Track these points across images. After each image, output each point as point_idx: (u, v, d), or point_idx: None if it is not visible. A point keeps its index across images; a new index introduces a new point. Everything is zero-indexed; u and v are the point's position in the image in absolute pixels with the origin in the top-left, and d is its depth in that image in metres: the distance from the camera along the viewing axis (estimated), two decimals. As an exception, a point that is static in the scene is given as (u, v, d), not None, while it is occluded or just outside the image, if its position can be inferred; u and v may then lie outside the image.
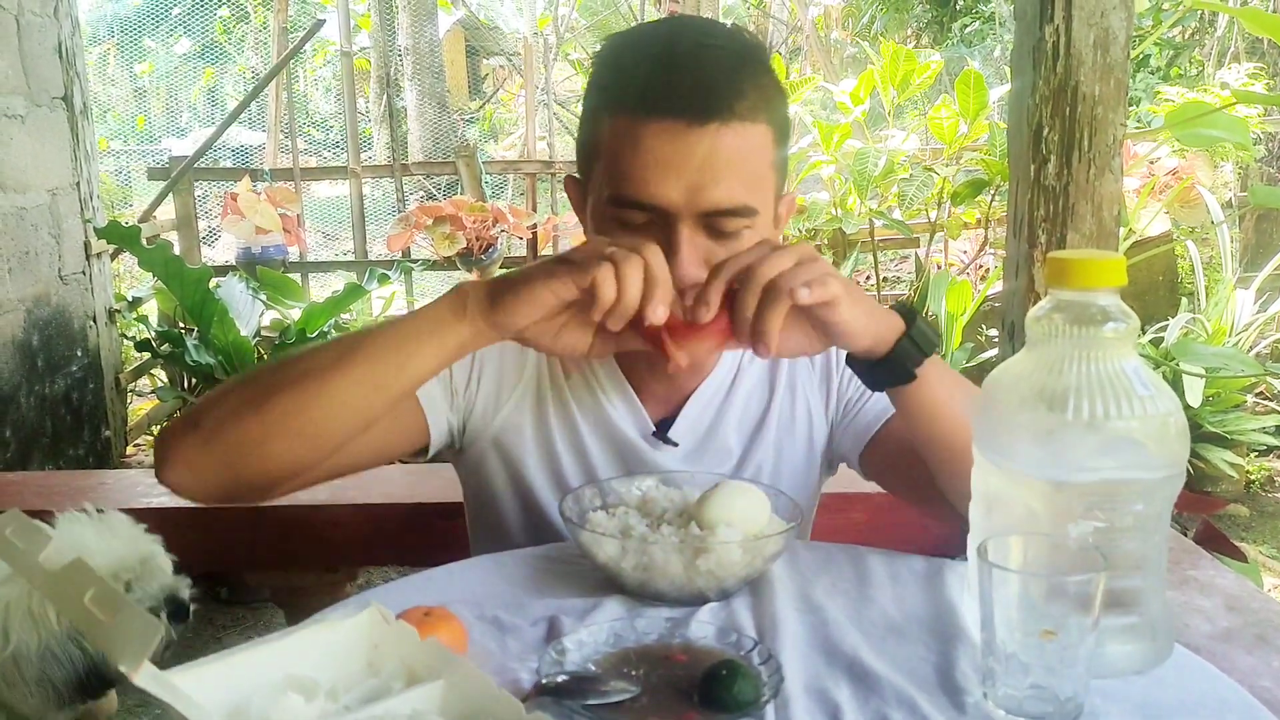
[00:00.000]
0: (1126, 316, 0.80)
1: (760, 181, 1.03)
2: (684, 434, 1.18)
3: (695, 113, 0.97)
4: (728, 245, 1.01)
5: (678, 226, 1.00)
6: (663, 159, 0.98)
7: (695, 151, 0.98)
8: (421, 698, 0.69)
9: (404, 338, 0.94)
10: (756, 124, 1.01)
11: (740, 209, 1.00)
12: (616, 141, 1.01)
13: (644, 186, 0.99)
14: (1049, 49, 1.64)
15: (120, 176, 10.63)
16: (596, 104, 1.05)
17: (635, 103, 0.99)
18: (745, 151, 1.00)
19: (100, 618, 0.51)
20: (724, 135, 0.98)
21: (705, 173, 0.98)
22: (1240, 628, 1.20)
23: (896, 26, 10.97)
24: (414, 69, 11.42)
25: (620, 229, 1.02)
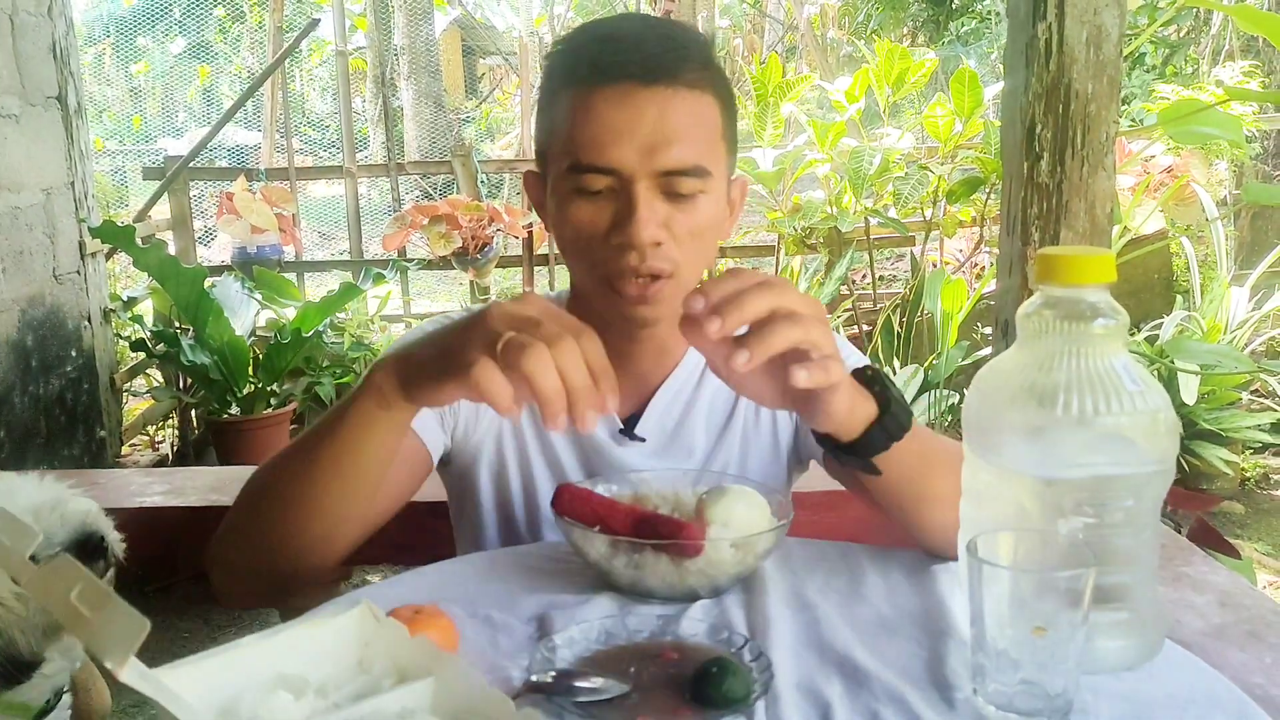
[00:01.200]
0: (1116, 313, 0.81)
1: (712, 148, 1.07)
2: (651, 429, 1.18)
3: (644, 75, 1.02)
4: (685, 209, 1.05)
5: (634, 189, 1.03)
6: (616, 121, 1.02)
7: (647, 112, 1.02)
8: (412, 695, 0.69)
9: (350, 442, 0.93)
10: (704, 93, 1.05)
11: (694, 169, 1.03)
12: (571, 113, 1.05)
13: (600, 150, 1.02)
14: (1042, 46, 1.64)
15: (116, 176, 10.62)
16: (549, 89, 1.09)
17: (586, 72, 1.04)
18: (695, 115, 1.04)
19: (85, 614, 0.51)
20: (673, 99, 1.02)
21: (658, 132, 1.02)
22: (1232, 624, 1.20)
23: (892, 25, 10.97)
24: (410, 68, 11.42)
25: (580, 197, 1.05)
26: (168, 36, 13.20)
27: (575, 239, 1.08)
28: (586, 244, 1.07)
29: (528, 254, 5.38)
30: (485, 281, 5.33)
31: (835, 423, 0.90)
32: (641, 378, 1.18)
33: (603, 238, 1.05)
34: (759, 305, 0.82)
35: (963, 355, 4.19)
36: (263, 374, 4.28)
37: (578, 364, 0.78)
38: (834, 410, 0.88)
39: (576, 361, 0.78)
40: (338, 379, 4.57)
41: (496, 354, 0.79)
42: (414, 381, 0.87)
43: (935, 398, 4.03)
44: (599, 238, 1.06)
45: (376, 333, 5.02)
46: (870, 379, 0.92)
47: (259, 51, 12.58)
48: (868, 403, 0.91)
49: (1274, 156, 6.71)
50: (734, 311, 0.81)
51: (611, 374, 0.80)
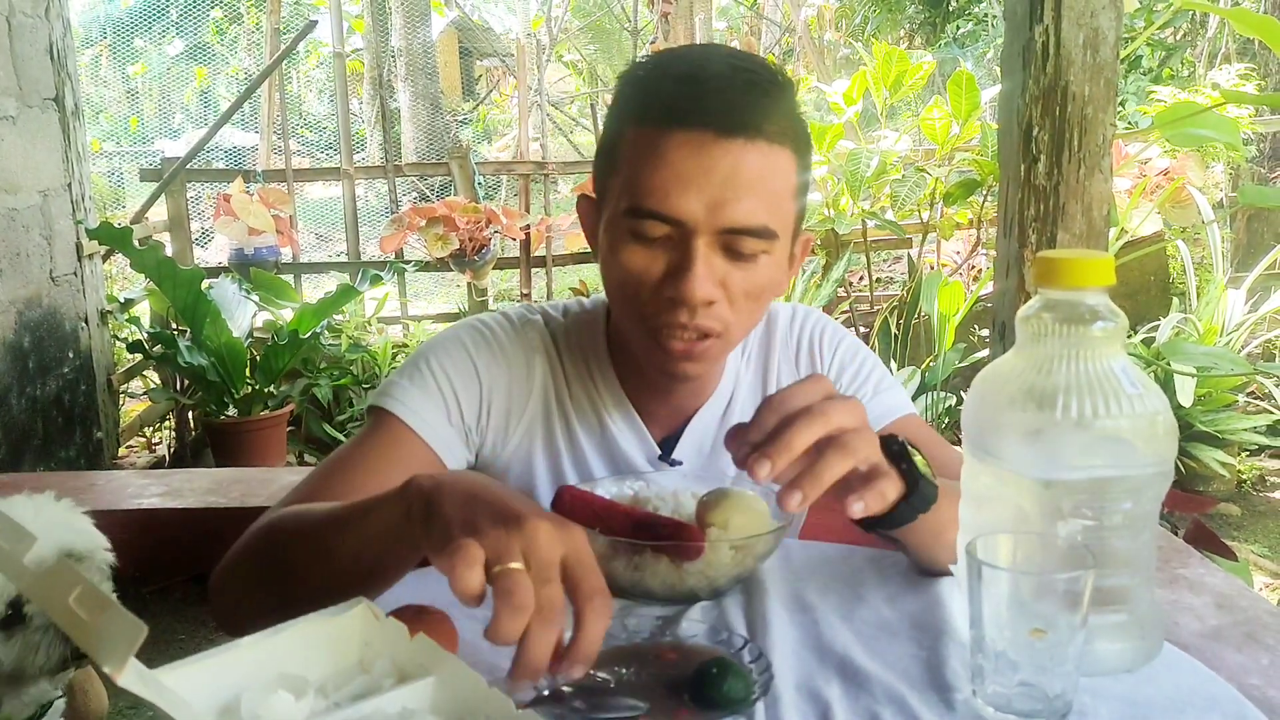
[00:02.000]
0: (1115, 315, 0.81)
1: (782, 207, 1.00)
2: (687, 454, 1.17)
3: (722, 126, 0.95)
4: (744, 269, 1.00)
5: (694, 242, 0.97)
6: (686, 170, 0.95)
7: (720, 165, 0.95)
8: (412, 695, 0.69)
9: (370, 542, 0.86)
10: (783, 148, 0.98)
11: (760, 230, 0.98)
12: (638, 153, 0.98)
13: (664, 198, 0.96)
14: (1039, 49, 1.64)
15: (113, 178, 10.61)
16: (619, 119, 1.03)
17: (661, 114, 0.97)
18: (769, 172, 0.97)
19: (84, 618, 0.51)
20: (749, 152, 0.96)
21: (728, 188, 0.95)
22: (1229, 626, 1.20)
23: (890, 27, 10.99)
24: (407, 70, 11.42)
25: (635, 242, 1.00)
26: (165, 38, 13.19)
27: (625, 283, 1.02)
28: (635, 290, 1.02)
29: (525, 256, 5.38)
30: (483, 283, 5.33)
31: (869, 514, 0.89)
32: (678, 404, 1.17)
33: (654, 287, 1.00)
34: (806, 438, 0.82)
35: (960, 357, 4.20)
36: (260, 375, 4.28)
37: (546, 640, 0.70)
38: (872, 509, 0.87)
39: (547, 638, 0.70)
40: (335, 381, 4.57)
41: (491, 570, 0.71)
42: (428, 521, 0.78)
43: (932, 400, 4.03)
44: (650, 286, 1.00)
45: (374, 334, 5.01)
46: (897, 454, 0.89)
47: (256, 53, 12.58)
48: (897, 484, 0.89)
49: (1270, 159, 6.72)
50: (783, 453, 0.81)
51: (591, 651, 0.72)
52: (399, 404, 1.09)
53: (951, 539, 0.93)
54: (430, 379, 1.11)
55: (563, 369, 1.17)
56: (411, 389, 1.10)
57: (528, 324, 1.18)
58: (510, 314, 1.19)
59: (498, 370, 1.14)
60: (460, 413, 1.12)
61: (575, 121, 12.68)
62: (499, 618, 0.69)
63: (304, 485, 1.06)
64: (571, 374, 1.16)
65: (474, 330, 1.16)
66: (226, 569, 1.00)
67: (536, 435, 1.16)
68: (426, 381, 1.11)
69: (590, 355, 1.17)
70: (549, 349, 1.17)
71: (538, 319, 1.19)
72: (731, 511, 0.96)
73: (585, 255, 5.53)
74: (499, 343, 1.15)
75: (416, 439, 1.08)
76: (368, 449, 1.08)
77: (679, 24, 7.92)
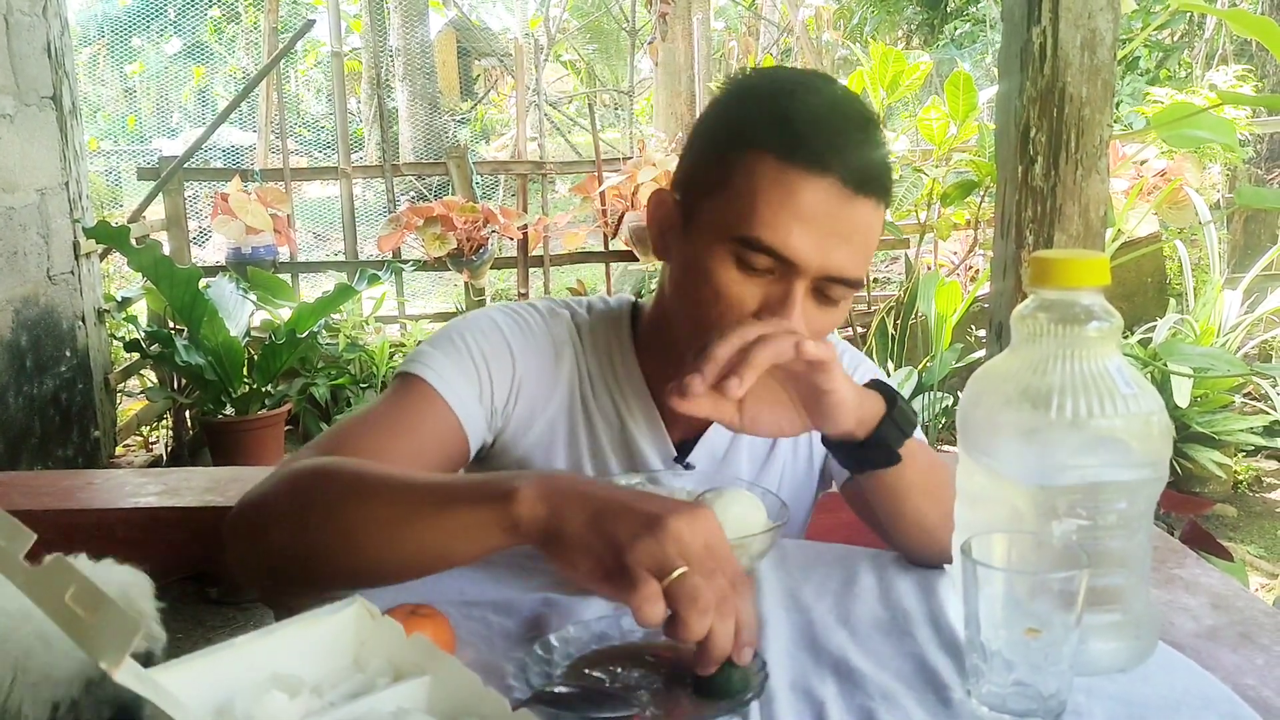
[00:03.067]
0: (1110, 315, 0.81)
1: (870, 259, 1.06)
2: (702, 458, 1.18)
3: (857, 184, 0.97)
4: (826, 311, 1.03)
5: (797, 283, 0.99)
6: (814, 216, 0.96)
7: (845, 218, 0.97)
8: (407, 694, 0.69)
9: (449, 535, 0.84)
10: (882, 204, 1.02)
11: (855, 281, 1.01)
12: (764, 184, 0.98)
13: (786, 238, 0.97)
14: (1036, 50, 1.64)
15: (110, 176, 10.60)
16: (738, 137, 1.01)
17: (799, 152, 0.97)
18: (875, 229, 1.01)
19: (81, 615, 0.51)
20: (866, 211, 0.99)
21: (843, 239, 0.98)
22: (1225, 626, 1.21)
23: (888, 28, 11.00)
24: (405, 69, 11.41)
25: (738, 268, 0.99)
26: (162, 37, 13.18)
27: (714, 304, 1.01)
28: (724, 314, 1.00)
29: (523, 256, 5.38)
30: (480, 283, 5.33)
31: (849, 416, 0.94)
32: None
33: (739, 315, 1.00)
34: (729, 347, 0.88)
35: (957, 357, 4.20)
36: (257, 375, 4.28)
37: (729, 630, 0.75)
38: (843, 401, 0.93)
39: (729, 628, 0.75)
40: (332, 380, 4.57)
41: (662, 583, 0.73)
42: (561, 547, 0.79)
43: (929, 400, 4.04)
44: (741, 314, 1.00)
45: (371, 334, 5.01)
46: (875, 385, 0.98)
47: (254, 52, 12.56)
48: (875, 400, 0.96)
49: (1268, 160, 6.73)
50: (710, 365, 0.87)
51: (754, 628, 0.78)
52: (432, 372, 1.08)
53: (938, 501, 0.97)
54: (465, 354, 1.10)
55: (586, 364, 1.17)
56: (445, 360, 1.09)
57: (556, 316, 1.18)
58: (539, 305, 1.19)
59: (531, 357, 1.14)
60: (491, 393, 1.11)
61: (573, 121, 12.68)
62: (688, 624, 0.73)
63: (328, 440, 1.03)
64: (594, 370, 1.17)
65: (509, 315, 1.16)
66: (257, 506, 0.95)
67: (559, 428, 1.16)
68: (461, 356, 1.10)
69: (616, 353, 1.17)
70: (575, 343, 1.17)
71: (565, 313, 1.19)
72: (729, 510, 0.96)
73: (582, 255, 5.53)
74: (532, 330, 1.15)
75: (446, 409, 1.07)
76: (398, 411, 1.06)
77: (677, 24, 7.93)
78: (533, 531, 0.80)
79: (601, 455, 1.16)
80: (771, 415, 0.95)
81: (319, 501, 0.91)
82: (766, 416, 0.95)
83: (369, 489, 0.89)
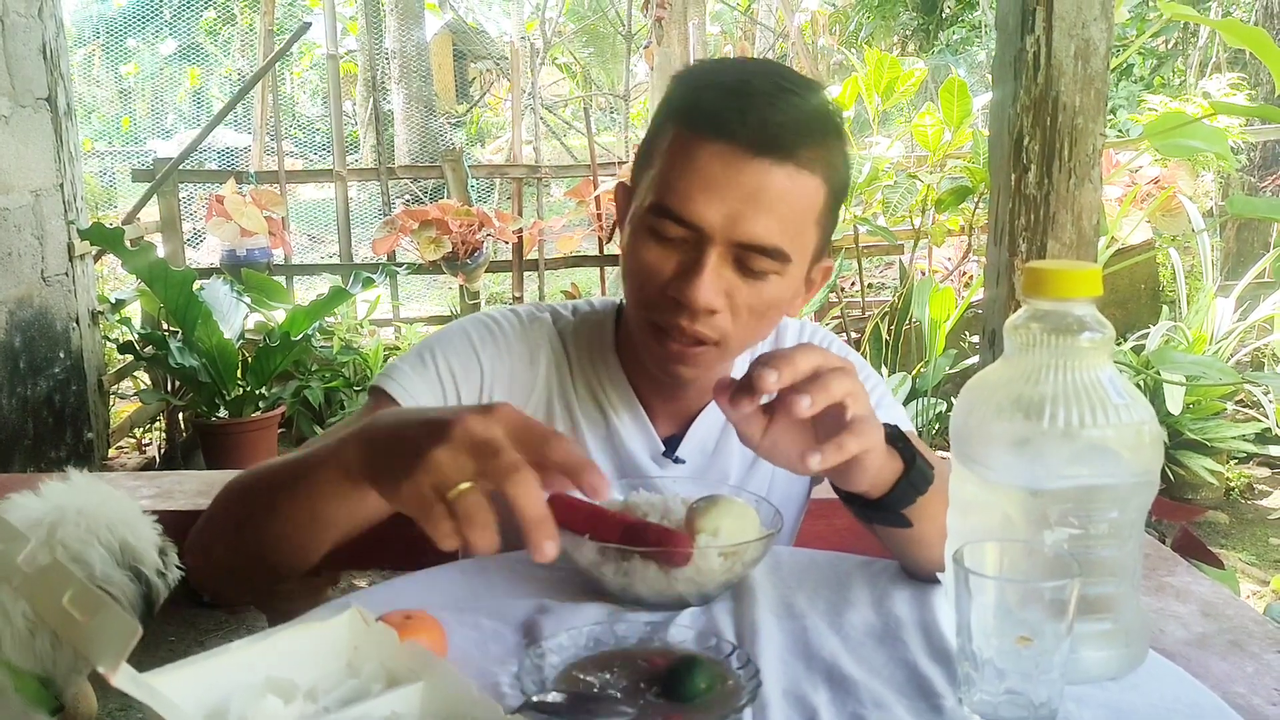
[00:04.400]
0: (1102, 326, 0.81)
1: (800, 232, 1.02)
2: (691, 453, 1.19)
3: (756, 144, 0.97)
4: (752, 284, 1.02)
5: (708, 249, 0.99)
6: (712, 180, 0.98)
7: (745, 181, 0.97)
8: (401, 700, 0.69)
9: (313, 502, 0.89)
10: (813, 176, 1.00)
11: (772, 250, 1.00)
12: (672, 154, 1.01)
13: (686, 202, 0.99)
14: (1030, 59, 1.65)
15: (105, 178, 10.59)
16: (663, 116, 1.05)
17: (700, 120, 0.99)
18: (793, 196, 0.99)
19: (78, 618, 0.51)
20: (776, 174, 0.98)
21: (748, 204, 0.98)
22: (1215, 634, 1.21)
23: (883, 34, 11.02)
24: (401, 72, 11.42)
25: (652, 239, 1.02)
26: (158, 38, 13.17)
27: (636, 275, 1.05)
28: (644, 284, 1.05)
29: (517, 259, 5.38)
30: (475, 286, 5.33)
31: (868, 482, 0.92)
32: (684, 403, 1.19)
33: (662, 286, 1.03)
34: (808, 362, 0.85)
35: (950, 363, 4.21)
36: (251, 377, 4.28)
37: (529, 496, 0.72)
38: (868, 470, 0.90)
39: (528, 493, 0.72)
40: (326, 383, 4.56)
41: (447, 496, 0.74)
42: (377, 475, 0.81)
43: (923, 405, 4.05)
44: (658, 284, 1.03)
45: (365, 337, 5.01)
46: (892, 436, 0.94)
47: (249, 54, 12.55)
48: (894, 460, 0.93)
49: (1260, 168, 6.76)
50: (787, 366, 0.83)
51: (592, 465, 0.76)
52: (396, 385, 1.12)
53: (944, 538, 0.94)
54: (431, 366, 1.14)
55: (569, 365, 1.19)
56: (411, 374, 1.13)
57: (535, 320, 1.21)
58: (519, 310, 1.22)
59: (500, 362, 1.16)
60: (458, 398, 1.14)
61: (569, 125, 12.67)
62: (471, 544, 0.72)
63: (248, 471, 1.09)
64: (578, 370, 1.19)
65: (479, 323, 1.19)
66: (198, 529, 1.04)
67: None
68: (427, 368, 1.14)
69: (597, 352, 1.19)
70: (555, 345, 1.19)
71: (545, 316, 1.22)
72: (721, 518, 0.96)
73: (577, 259, 5.53)
74: (504, 335, 1.18)
75: None
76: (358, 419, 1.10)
77: (673, 28, 7.93)
78: (356, 468, 0.82)
79: (586, 452, 1.16)
80: (790, 448, 0.91)
81: (236, 510, 1.00)
82: (785, 446, 0.91)
83: (260, 482, 0.97)
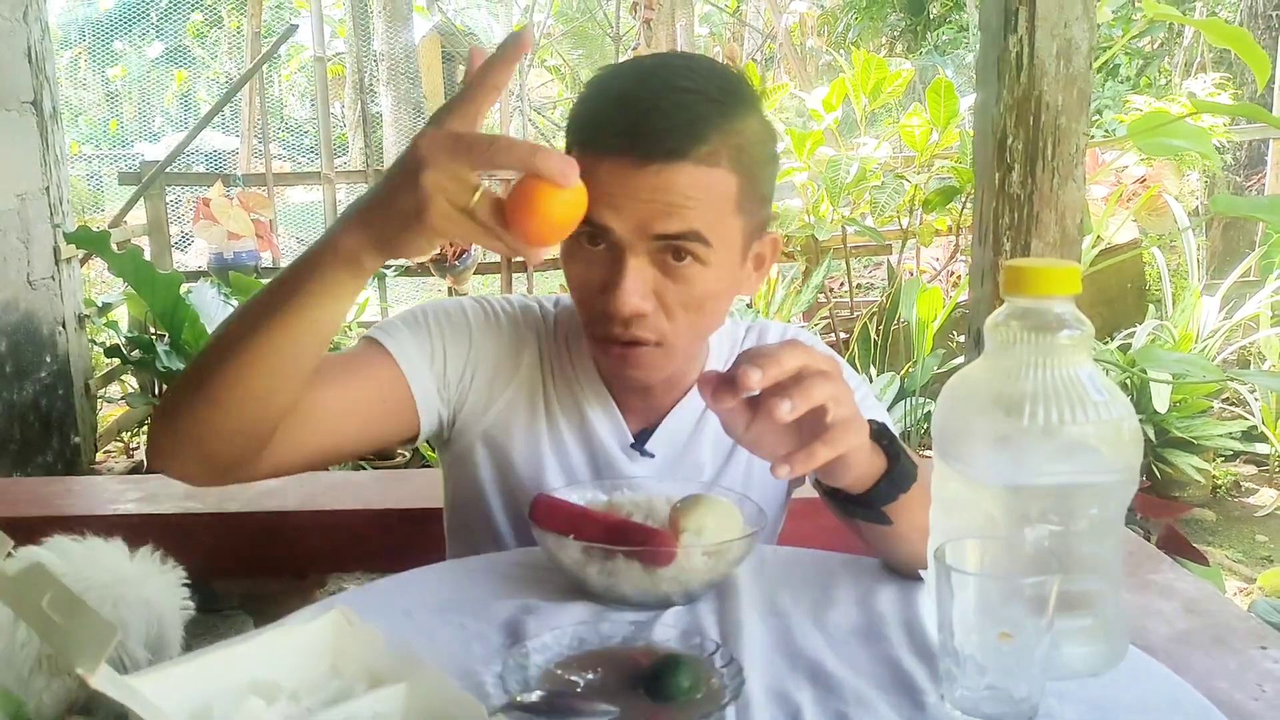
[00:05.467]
0: (1081, 323, 0.82)
1: (718, 221, 1.02)
2: (661, 447, 1.19)
3: (646, 152, 0.98)
4: (679, 280, 1.03)
5: (625, 256, 1.01)
6: (614, 193, 0.99)
7: (644, 186, 0.98)
8: (384, 700, 0.69)
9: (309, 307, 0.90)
10: (714, 168, 1.00)
11: (688, 234, 1.00)
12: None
13: (597, 214, 0.99)
14: (1013, 59, 1.66)
15: (92, 181, 10.55)
16: (568, 134, 1.08)
17: (591, 137, 1.01)
18: (698, 191, 1.00)
19: (57, 621, 0.51)
20: (675, 176, 0.98)
21: (654, 206, 0.99)
22: (1198, 630, 1.22)
23: (871, 35, 11.05)
24: (389, 74, 11.39)
25: (578, 248, 1.04)
26: (144, 41, 13.14)
27: (574, 292, 1.09)
28: (580, 300, 1.08)
29: (506, 261, 5.37)
30: (464, 288, 5.33)
31: (851, 478, 0.93)
32: (654, 399, 1.20)
33: (593, 296, 1.05)
34: (793, 361, 0.85)
35: (938, 363, 4.22)
36: (239, 380, 4.26)
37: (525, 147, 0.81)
38: (852, 467, 0.91)
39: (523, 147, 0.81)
40: (314, 386, 4.55)
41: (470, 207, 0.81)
42: (385, 236, 0.85)
43: (911, 405, 4.05)
44: (590, 296, 1.06)
45: (353, 339, 4.99)
46: (877, 433, 0.95)
47: (237, 56, 12.51)
48: (878, 457, 0.95)
49: (1245, 167, 6.79)
50: (772, 365, 0.84)
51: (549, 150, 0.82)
52: (388, 336, 1.14)
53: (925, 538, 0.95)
54: (424, 326, 1.17)
55: (550, 357, 1.21)
56: (404, 329, 1.16)
57: (526, 310, 1.24)
58: (514, 300, 1.25)
59: (488, 340, 1.19)
60: (444, 363, 1.16)
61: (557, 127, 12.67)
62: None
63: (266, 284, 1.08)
64: (556, 363, 1.21)
65: (476, 302, 1.23)
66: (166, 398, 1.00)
67: (517, 413, 1.19)
68: (419, 327, 1.16)
69: (573, 346, 1.21)
70: (540, 336, 1.22)
71: (535, 307, 1.25)
72: (705, 517, 0.96)
73: (566, 260, 5.52)
74: (495, 317, 1.21)
75: (395, 367, 1.12)
76: (346, 357, 1.13)
77: (661, 30, 7.94)
78: (364, 239, 0.86)
79: (561, 441, 1.19)
80: (774, 442, 0.91)
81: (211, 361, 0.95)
82: (769, 441, 0.92)
83: (231, 319, 0.96)
